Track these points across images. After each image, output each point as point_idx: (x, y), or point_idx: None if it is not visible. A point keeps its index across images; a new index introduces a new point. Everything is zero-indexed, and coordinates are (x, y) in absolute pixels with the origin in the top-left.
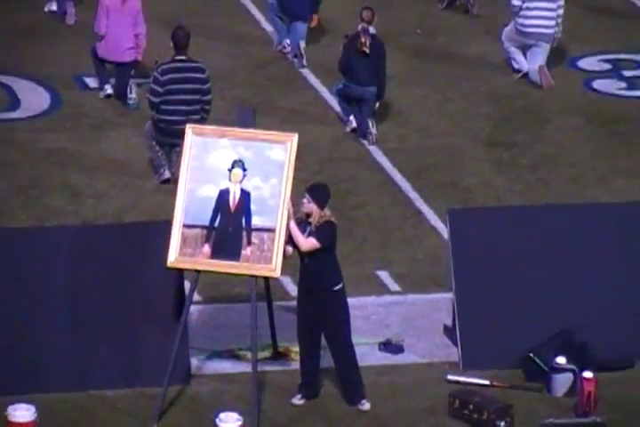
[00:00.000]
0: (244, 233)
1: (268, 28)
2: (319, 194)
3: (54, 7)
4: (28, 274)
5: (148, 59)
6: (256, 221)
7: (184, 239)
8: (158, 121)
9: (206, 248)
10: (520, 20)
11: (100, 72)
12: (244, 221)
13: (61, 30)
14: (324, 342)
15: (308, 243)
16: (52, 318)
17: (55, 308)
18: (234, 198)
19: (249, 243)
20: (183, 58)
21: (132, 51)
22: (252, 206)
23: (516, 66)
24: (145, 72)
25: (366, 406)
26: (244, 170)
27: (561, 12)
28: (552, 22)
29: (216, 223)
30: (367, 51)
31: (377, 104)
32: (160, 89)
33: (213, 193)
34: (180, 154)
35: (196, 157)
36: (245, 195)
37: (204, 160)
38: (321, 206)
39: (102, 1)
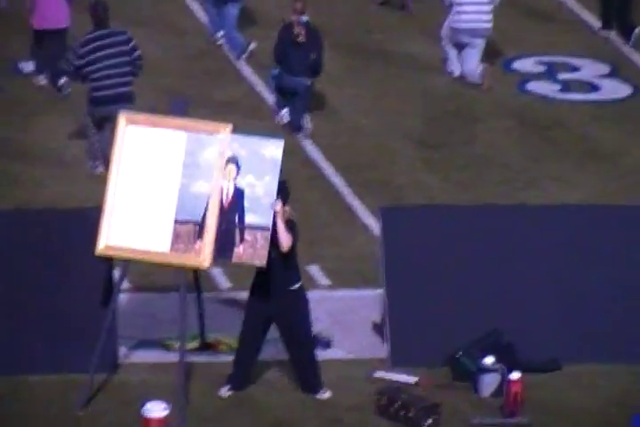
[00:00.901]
0: (237, 231)
1: (203, 18)
2: (282, 189)
3: None
4: None
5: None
6: (249, 219)
7: (177, 235)
8: (93, 90)
9: (198, 244)
10: (453, 17)
11: (37, 55)
12: (237, 218)
13: None
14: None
15: (289, 240)
16: None
17: None
18: (227, 196)
19: (242, 240)
20: (107, 30)
21: (65, 18)
22: (246, 204)
23: (449, 68)
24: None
25: (327, 394)
26: (238, 167)
27: (492, 7)
28: (484, 17)
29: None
30: (302, 39)
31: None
32: (80, 61)
33: (206, 189)
34: (112, 132)
35: (190, 153)
36: (239, 192)
37: (198, 156)
38: (284, 202)
39: None
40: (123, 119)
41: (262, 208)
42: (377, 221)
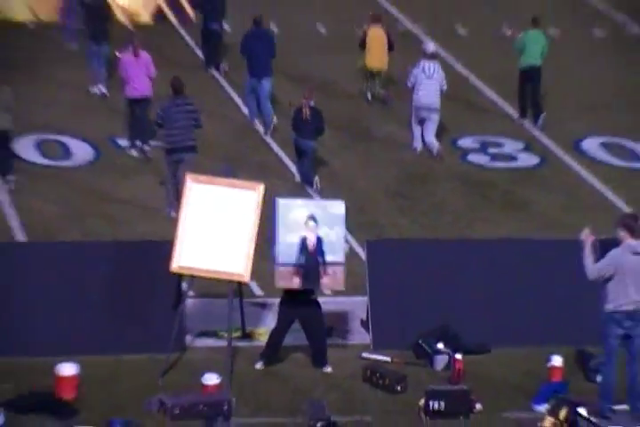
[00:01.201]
0: (321, 267)
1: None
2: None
3: (97, 90)
4: (78, 273)
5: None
6: (329, 258)
7: (280, 275)
8: (168, 142)
9: (296, 280)
10: (414, 96)
11: (131, 127)
12: (320, 259)
13: (101, 107)
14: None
15: None
16: (96, 305)
17: (100, 297)
18: (312, 242)
19: (325, 274)
20: (180, 99)
21: (148, 89)
22: (324, 248)
23: (414, 145)
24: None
25: (330, 368)
26: (316, 222)
27: (444, 88)
28: (435, 96)
29: (301, 261)
30: (309, 119)
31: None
32: (161, 120)
33: (297, 240)
34: (182, 174)
35: (281, 215)
36: (319, 240)
37: (287, 217)
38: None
39: (121, 59)
40: (189, 179)
41: (336, 250)
42: (364, 250)
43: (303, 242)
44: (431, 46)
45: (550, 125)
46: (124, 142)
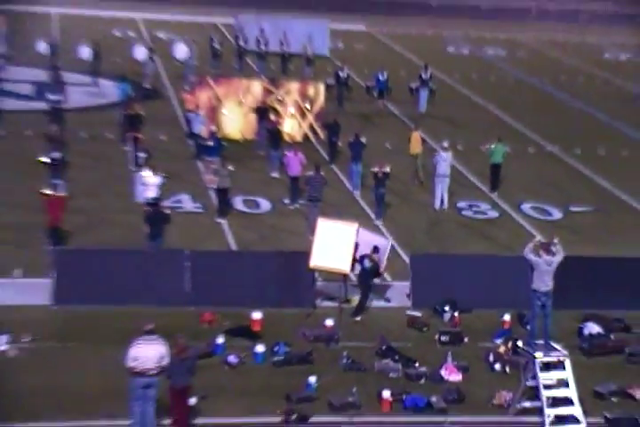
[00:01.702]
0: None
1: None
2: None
3: (274, 174)
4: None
5: None
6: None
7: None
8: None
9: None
10: (434, 172)
11: (291, 193)
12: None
13: (274, 182)
14: None
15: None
16: (272, 284)
17: (275, 281)
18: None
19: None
20: (318, 174)
21: (298, 169)
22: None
23: (435, 204)
24: None
25: (359, 318)
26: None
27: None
28: (444, 168)
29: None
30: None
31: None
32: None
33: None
34: (316, 216)
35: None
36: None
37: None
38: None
39: (287, 155)
40: (320, 219)
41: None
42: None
43: (376, 247)
44: (445, 143)
45: (505, 195)
46: (287, 201)
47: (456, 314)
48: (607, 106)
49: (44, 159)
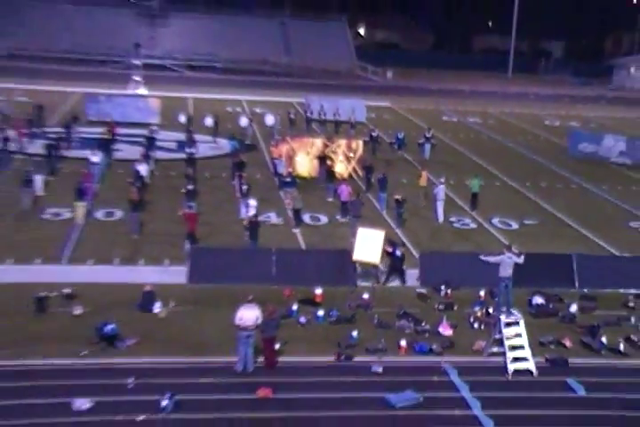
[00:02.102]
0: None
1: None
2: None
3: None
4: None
5: None
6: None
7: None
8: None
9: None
10: (436, 195)
11: (341, 209)
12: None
13: None
14: None
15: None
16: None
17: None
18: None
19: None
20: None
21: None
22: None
23: (436, 216)
24: None
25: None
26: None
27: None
28: (444, 195)
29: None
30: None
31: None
32: None
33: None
34: (357, 226)
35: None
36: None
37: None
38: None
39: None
40: (360, 227)
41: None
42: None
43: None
44: (442, 179)
45: (480, 213)
46: (338, 217)
47: (449, 291)
48: (546, 154)
49: (183, 190)
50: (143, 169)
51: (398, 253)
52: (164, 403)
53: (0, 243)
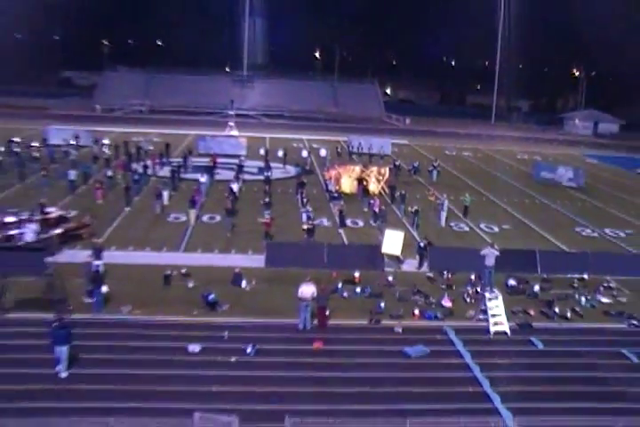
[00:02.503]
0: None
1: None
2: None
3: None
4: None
5: None
6: None
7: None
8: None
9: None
10: (442, 205)
11: (372, 216)
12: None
13: None
14: None
15: None
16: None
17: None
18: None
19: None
20: None
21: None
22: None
23: (440, 220)
24: None
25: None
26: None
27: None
28: (446, 206)
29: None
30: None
31: None
32: None
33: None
34: (384, 229)
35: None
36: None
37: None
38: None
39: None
40: (387, 229)
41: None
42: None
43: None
44: (444, 196)
45: (471, 220)
46: (371, 221)
47: (449, 275)
48: (518, 179)
49: (262, 202)
50: (235, 187)
51: (422, 244)
52: (249, 350)
53: (140, 237)
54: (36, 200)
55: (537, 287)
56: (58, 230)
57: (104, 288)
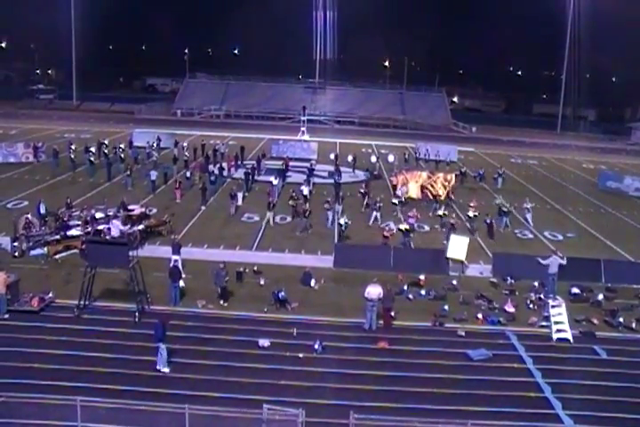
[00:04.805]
0: None
1: None
2: None
3: None
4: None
5: None
6: None
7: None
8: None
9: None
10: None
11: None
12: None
13: None
14: None
15: None
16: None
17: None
18: None
19: None
20: None
21: None
22: None
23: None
24: None
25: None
26: None
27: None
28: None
29: None
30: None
31: None
32: None
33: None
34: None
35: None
36: None
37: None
38: None
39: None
40: (453, 233)
41: None
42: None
43: None
44: (501, 199)
45: (536, 228)
46: (436, 226)
47: (513, 281)
48: (583, 188)
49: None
50: (306, 189)
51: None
52: (316, 346)
53: (215, 235)
54: (121, 198)
55: (601, 296)
56: (140, 227)
57: (181, 282)
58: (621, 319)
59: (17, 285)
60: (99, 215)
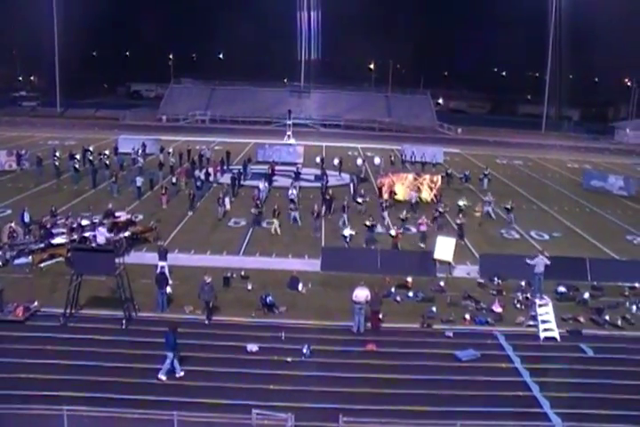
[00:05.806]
0: None
1: None
2: None
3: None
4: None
5: None
6: None
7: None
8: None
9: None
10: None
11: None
12: None
13: None
14: None
15: None
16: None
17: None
18: None
19: None
20: None
21: None
22: None
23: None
24: None
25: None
26: None
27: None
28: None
29: None
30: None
31: None
32: None
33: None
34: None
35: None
36: None
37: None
38: None
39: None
40: (441, 236)
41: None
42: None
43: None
44: (489, 198)
45: (522, 228)
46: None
47: (500, 281)
48: (568, 187)
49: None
50: (292, 193)
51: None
52: (304, 350)
53: (202, 240)
54: (106, 205)
55: (587, 295)
56: (126, 233)
57: (168, 289)
58: (607, 317)
59: (1, 294)
60: (84, 222)
